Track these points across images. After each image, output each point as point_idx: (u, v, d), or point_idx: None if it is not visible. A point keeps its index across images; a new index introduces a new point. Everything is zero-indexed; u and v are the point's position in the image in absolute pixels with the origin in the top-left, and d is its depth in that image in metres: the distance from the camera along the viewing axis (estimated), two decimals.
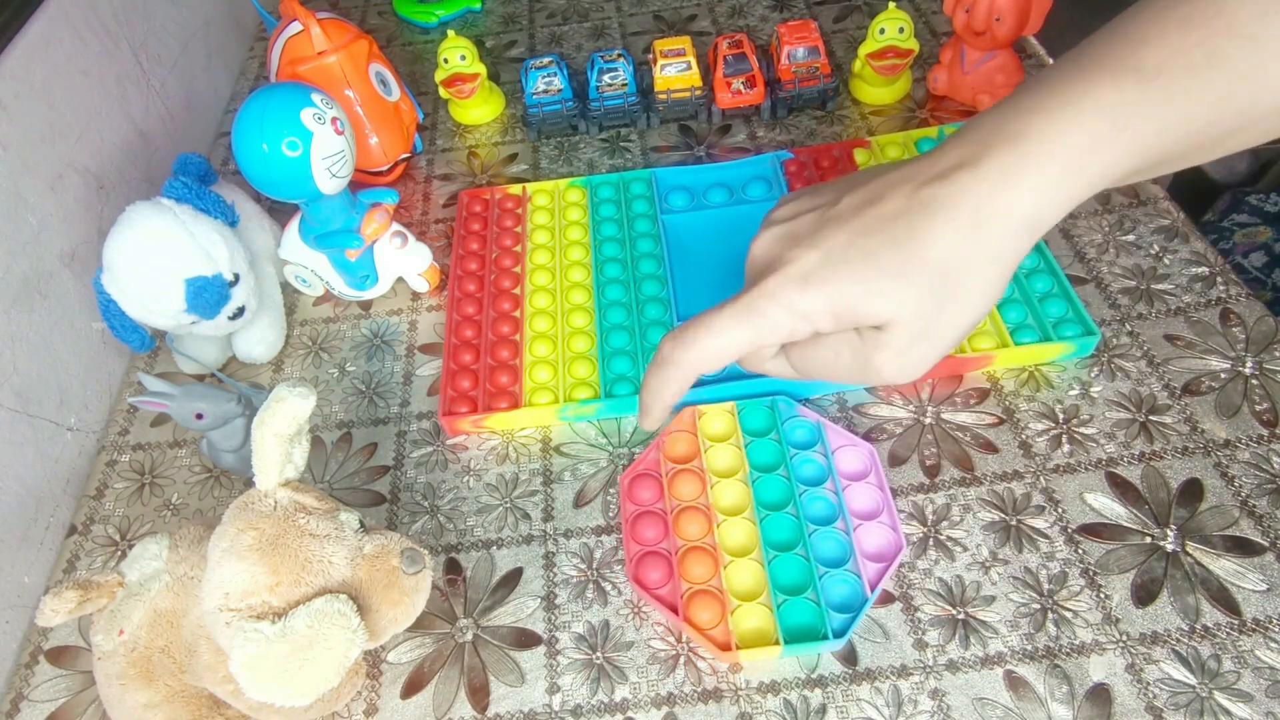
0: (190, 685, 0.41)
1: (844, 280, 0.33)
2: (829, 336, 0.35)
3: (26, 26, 0.59)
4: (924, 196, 0.33)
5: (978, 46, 0.66)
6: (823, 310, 0.34)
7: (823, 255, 0.34)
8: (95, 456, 0.58)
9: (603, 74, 0.73)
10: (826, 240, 0.34)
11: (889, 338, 0.34)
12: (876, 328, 0.34)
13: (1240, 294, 0.56)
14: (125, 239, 0.51)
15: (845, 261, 0.33)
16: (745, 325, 0.35)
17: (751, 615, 0.44)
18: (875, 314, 0.33)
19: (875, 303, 0.33)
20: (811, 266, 0.34)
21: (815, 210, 0.36)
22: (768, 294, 0.34)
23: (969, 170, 0.32)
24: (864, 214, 0.34)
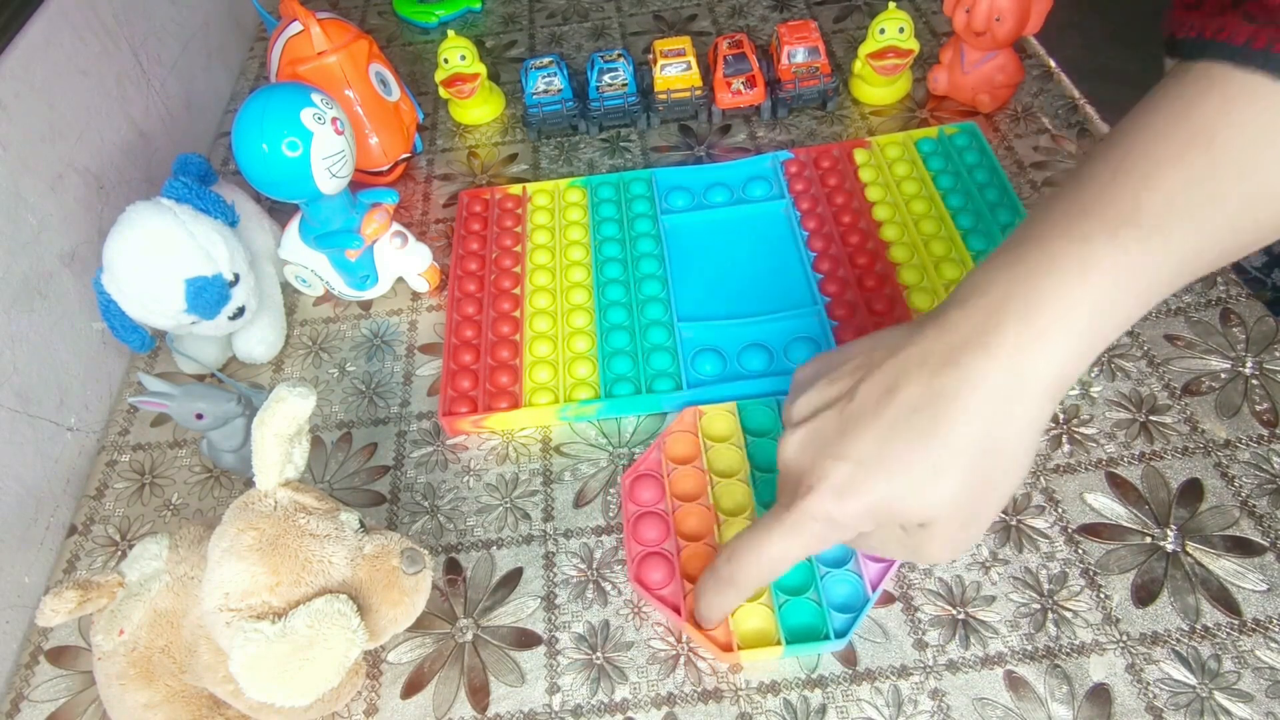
0: (190, 685, 0.41)
1: (880, 486, 0.33)
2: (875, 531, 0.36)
3: (26, 26, 0.59)
4: (940, 386, 0.33)
5: (978, 47, 0.66)
6: (863, 517, 0.34)
7: (854, 466, 0.34)
8: (95, 456, 0.58)
9: (603, 74, 0.73)
10: (854, 448, 0.34)
11: (934, 532, 0.34)
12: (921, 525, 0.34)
13: (1240, 294, 0.56)
14: (125, 239, 0.51)
15: (878, 468, 0.33)
16: (793, 541, 0.36)
17: (753, 615, 0.44)
18: (916, 515, 0.33)
19: (914, 504, 0.33)
20: (845, 479, 0.34)
21: (834, 407, 0.36)
22: (809, 514, 0.35)
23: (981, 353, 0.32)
24: (885, 410, 0.34)
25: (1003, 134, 0.69)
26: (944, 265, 0.58)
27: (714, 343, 0.57)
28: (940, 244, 0.60)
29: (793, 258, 0.62)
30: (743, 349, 0.56)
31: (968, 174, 0.64)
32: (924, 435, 0.32)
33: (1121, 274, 0.31)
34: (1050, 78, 0.73)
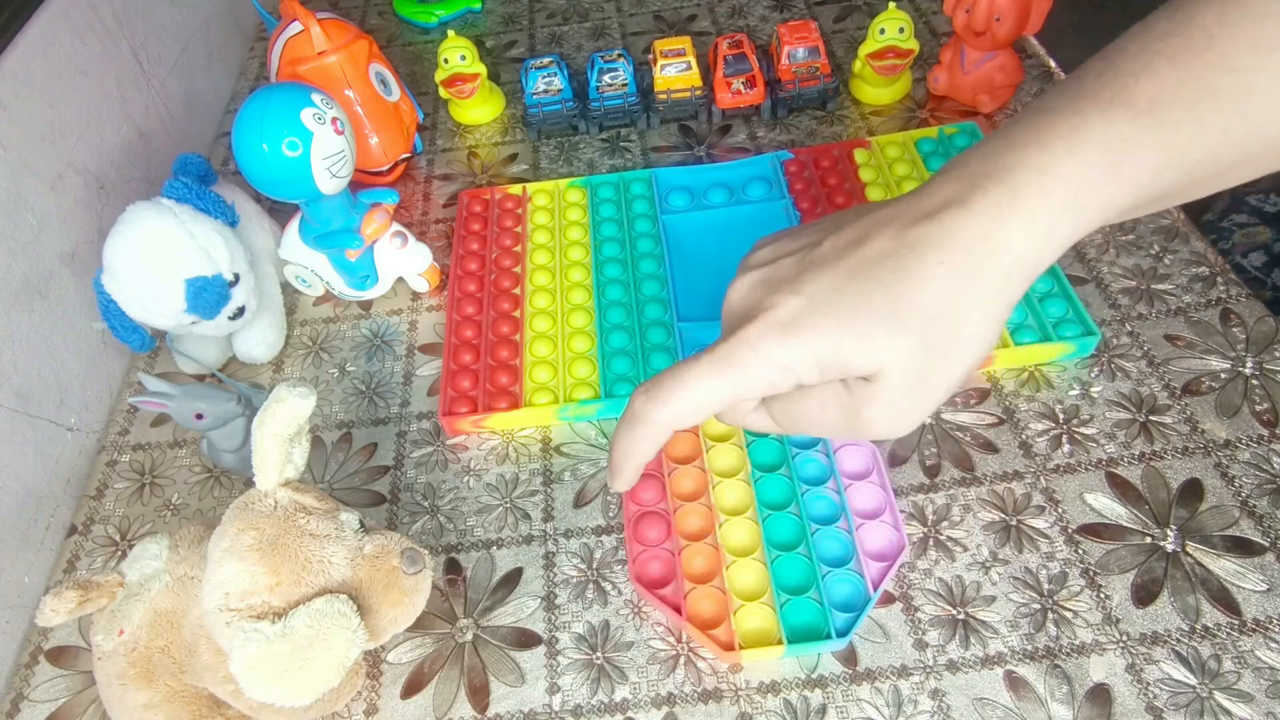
0: (190, 685, 0.41)
1: (830, 328, 0.31)
2: (814, 389, 0.33)
3: (27, 26, 0.59)
4: (912, 237, 0.31)
5: (978, 47, 0.66)
6: (807, 361, 0.31)
7: (806, 301, 0.31)
8: (95, 456, 0.58)
9: (603, 74, 0.73)
10: (809, 285, 0.32)
11: (879, 389, 0.31)
12: (865, 379, 0.31)
13: (1240, 294, 0.56)
14: (125, 239, 0.51)
15: (831, 307, 0.31)
16: (723, 378, 0.32)
17: (754, 615, 0.44)
18: (864, 364, 0.31)
19: (864, 352, 0.30)
20: (794, 313, 0.31)
21: (796, 253, 0.33)
22: (747, 343, 0.32)
23: (958, 209, 0.30)
24: (849, 256, 0.32)
25: None
26: None
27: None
28: None
29: None
30: None
31: None
32: (884, 284, 0.30)
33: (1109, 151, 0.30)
34: (1050, 78, 0.73)
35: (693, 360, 0.33)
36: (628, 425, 0.35)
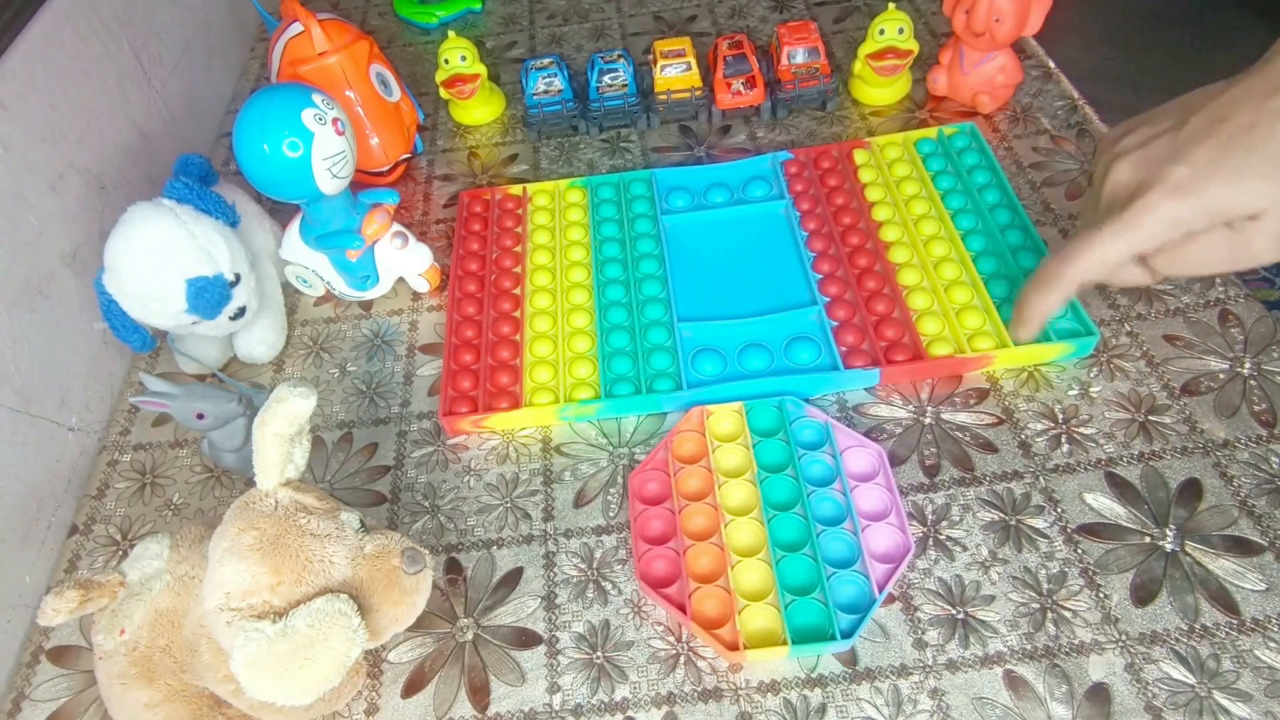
0: (191, 685, 0.41)
1: (1219, 186, 0.38)
2: (1199, 236, 0.40)
3: (28, 27, 0.59)
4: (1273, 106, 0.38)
5: (977, 47, 0.67)
6: (1200, 213, 0.39)
7: (1192, 169, 0.39)
8: (96, 456, 0.58)
9: (603, 74, 0.73)
10: (1191, 156, 0.39)
11: (1265, 224, 0.39)
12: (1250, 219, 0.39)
13: (1239, 294, 0.56)
14: (126, 239, 0.51)
15: (1217, 170, 0.38)
16: (1126, 238, 0.41)
17: (759, 615, 0.44)
18: (1251, 207, 0.38)
19: (1250, 199, 0.38)
20: (1184, 178, 0.39)
21: (1164, 135, 0.41)
22: (1148, 208, 0.40)
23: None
24: (1218, 131, 0.39)
25: (1002, 134, 0.69)
26: (943, 266, 0.58)
27: (714, 343, 0.57)
28: (940, 244, 0.60)
29: (792, 258, 0.62)
30: (742, 349, 0.56)
31: (967, 174, 0.64)
32: (1259, 146, 0.38)
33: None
34: (1050, 78, 0.73)
35: (1097, 230, 0.42)
36: (1041, 285, 0.45)
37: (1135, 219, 0.40)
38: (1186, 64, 1.13)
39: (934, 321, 0.55)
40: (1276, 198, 0.38)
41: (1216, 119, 0.39)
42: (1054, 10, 0.64)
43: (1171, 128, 0.41)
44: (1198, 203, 0.39)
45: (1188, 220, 0.40)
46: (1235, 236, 0.40)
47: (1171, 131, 0.41)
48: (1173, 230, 0.40)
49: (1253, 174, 0.38)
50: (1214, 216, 0.39)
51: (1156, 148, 0.41)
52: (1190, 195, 0.39)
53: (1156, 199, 0.40)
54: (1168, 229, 0.40)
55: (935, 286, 0.57)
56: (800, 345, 0.56)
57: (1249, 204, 0.38)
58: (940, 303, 0.56)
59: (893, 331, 0.55)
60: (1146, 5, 0.54)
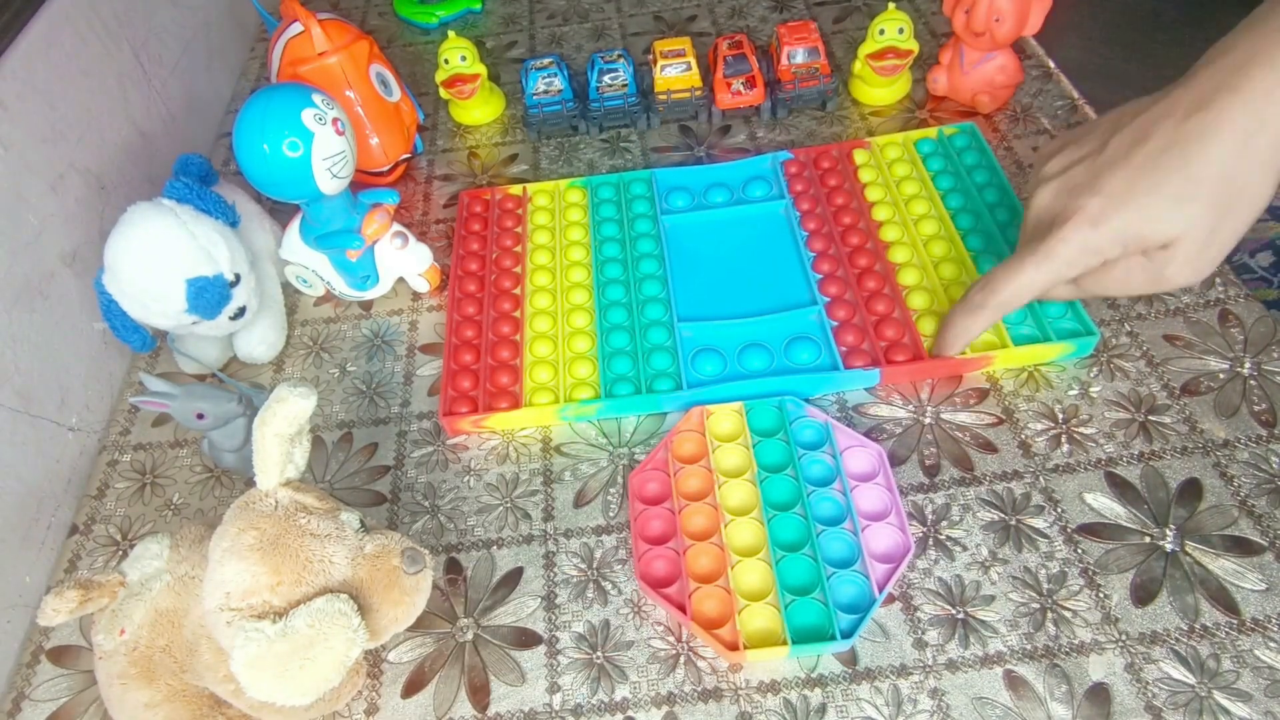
0: (191, 685, 0.41)
1: (1131, 214, 0.38)
2: (1117, 262, 0.41)
3: (28, 27, 0.59)
4: (1189, 128, 0.37)
5: (977, 47, 0.67)
6: (1113, 243, 0.39)
7: (1105, 198, 0.39)
8: (96, 456, 0.58)
9: (603, 74, 0.73)
10: (1106, 184, 0.39)
11: (1176, 252, 0.39)
12: (1163, 247, 0.39)
13: (1239, 294, 0.56)
14: (126, 239, 0.51)
15: (1129, 198, 0.38)
16: (1043, 268, 0.42)
17: (759, 615, 0.44)
18: (1162, 236, 0.38)
19: (1161, 227, 0.38)
20: (1098, 210, 0.39)
21: (1085, 160, 0.41)
22: (1063, 239, 0.40)
23: (1229, 94, 0.36)
24: (1134, 154, 0.39)
25: (1002, 134, 0.69)
26: (943, 265, 0.58)
27: (714, 343, 0.57)
28: (940, 244, 0.60)
29: (792, 258, 0.62)
30: (742, 349, 0.56)
31: (967, 174, 0.64)
32: (1171, 170, 0.37)
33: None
34: (1049, 78, 0.73)
35: (1017, 258, 0.43)
36: (966, 312, 0.47)
37: (1051, 250, 0.41)
38: (1186, 64, 1.12)
39: (934, 321, 0.55)
40: (1186, 225, 0.38)
41: (1135, 140, 0.39)
42: (1054, 10, 0.64)
43: (1093, 152, 0.41)
44: (1109, 232, 0.39)
45: (1103, 249, 0.40)
46: (1150, 264, 0.40)
47: (1092, 157, 0.41)
48: (1089, 259, 0.41)
49: (1163, 201, 0.38)
50: (1127, 245, 0.39)
51: (1076, 174, 0.41)
52: (1102, 225, 0.39)
53: (1070, 231, 0.40)
54: (1083, 258, 0.41)
55: (935, 286, 0.57)
56: (800, 345, 0.56)
57: (1159, 232, 0.38)
58: (940, 303, 0.56)
59: (893, 331, 0.55)
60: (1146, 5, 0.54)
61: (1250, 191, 0.38)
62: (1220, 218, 0.38)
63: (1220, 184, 0.37)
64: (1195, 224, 0.38)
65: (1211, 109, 0.37)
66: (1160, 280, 0.40)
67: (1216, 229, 0.38)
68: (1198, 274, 0.40)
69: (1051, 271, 0.42)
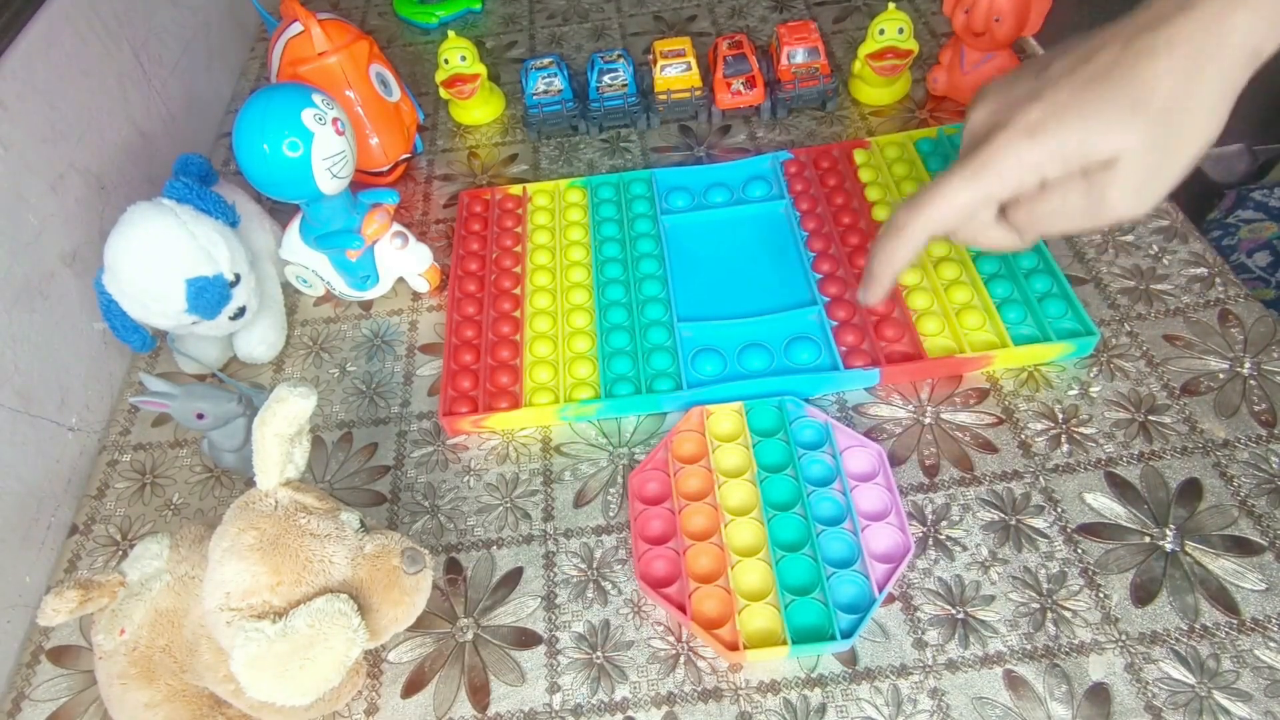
0: (191, 684, 0.41)
1: (1072, 125, 0.35)
2: (1055, 186, 0.37)
3: (28, 27, 0.59)
4: (1140, 44, 0.35)
5: (977, 47, 0.67)
6: (1053, 156, 0.36)
7: (1047, 108, 0.36)
8: (96, 456, 0.58)
9: (603, 74, 0.73)
10: (1049, 95, 0.36)
11: (1120, 171, 0.35)
12: (1105, 166, 0.35)
13: (1239, 294, 0.56)
14: (126, 239, 0.51)
15: (1071, 109, 0.35)
16: (976, 183, 0.37)
17: (759, 615, 0.44)
18: (1105, 149, 0.35)
19: (1105, 138, 0.35)
20: (1038, 118, 0.36)
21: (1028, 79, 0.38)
22: (997, 149, 0.37)
23: (1181, 15, 0.34)
24: (1080, 70, 0.36)
25: None
26: (943, 265, 0.58)
27: (714, 343, 0.57)
28: (940, 244, 0.60)
29: (793, 258, 0.62)
30: (742, 349, 0.56)
31: None
32: (1119, 83, 0.35)
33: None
34: None
35: (948, 173, 0.38)
36: (890, 235, 0.41)
37: (984, 162, 0.37)
38: None
39: (934, 321, 0.55)
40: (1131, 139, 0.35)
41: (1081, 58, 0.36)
42: (1054, 10, 0.64)
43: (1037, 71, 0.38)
44: (1049, 143, 0.36)
45: (1040, 163, 0.36)
46: (1090, 187, 0.36)
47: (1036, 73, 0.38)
48: (1025, 175, 0.37)
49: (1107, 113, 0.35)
50: (1067, 160, 0.36)
51: (1017, 89, 0.38)
52: (1041, 135, 0.36)
53: (1006, 140, 0.37)
54: (1019, 173, 0.37)
55: (935, 286, 0.57)
56: (800, 345, 0.56)
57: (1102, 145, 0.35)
58: (940, 303, 0.56)
59: (893, 331, 0.55)
60: None
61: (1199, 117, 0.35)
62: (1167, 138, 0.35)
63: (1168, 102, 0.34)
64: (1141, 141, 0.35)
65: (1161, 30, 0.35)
66: (1101, 206, 0.36)
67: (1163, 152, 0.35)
68: (1141, 202, 0.36)
69: (983, 185, 0.38)
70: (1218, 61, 0.34)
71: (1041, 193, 0.38)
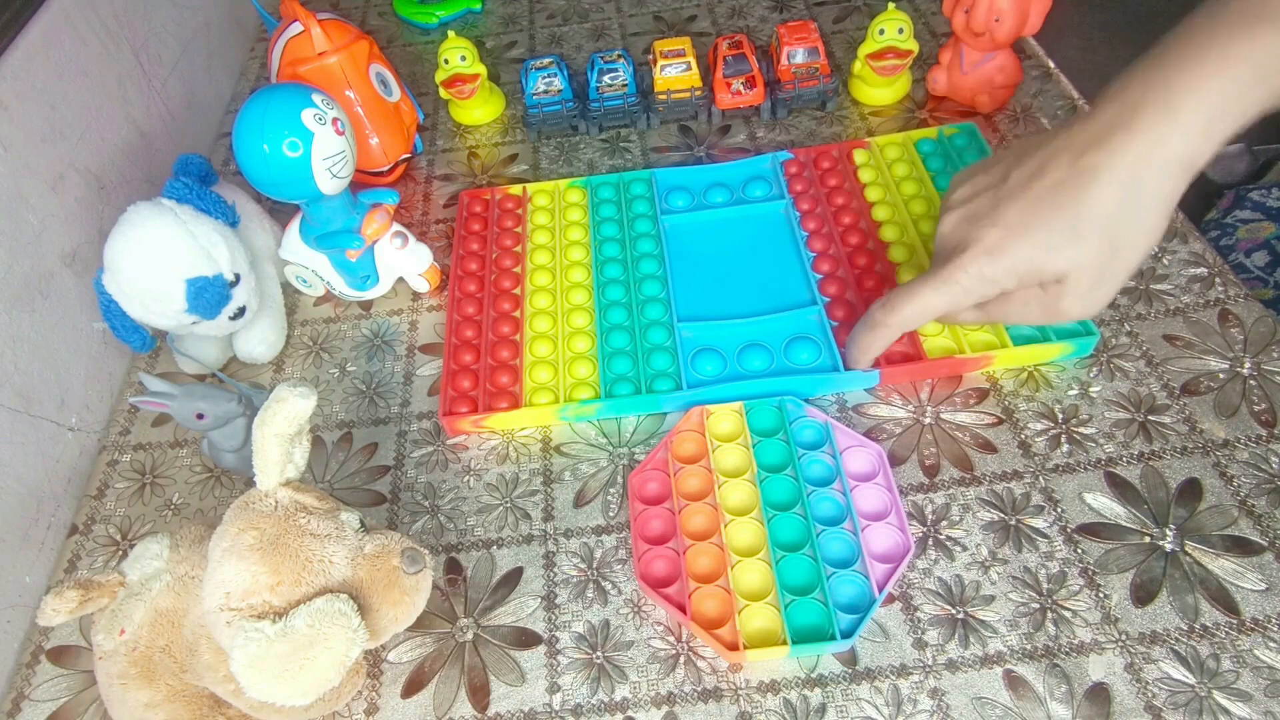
0: (191, 685, 0.41)
1: (1024, 248, 0.40)
2: (1015, 293, 0.42)
3: (27, 27, 0.59)
4: (1084, 164, 0.38)
5: (977, 47, 0.67)
6: (1008, 274, 0.40)
7: (1002, 230, 0.40)
8: (96, 456, 0.58)
9: (603, 74, 0.73)
10: (1004, 217, 0.40)
11: (1070, 286, 0.40)
12: (1057, 281, 0.40)
13: (1239, 294, 0.56)
14: (126, 239, 0.51)
15: (1023, 230, 0.39)
16: (943, 294, 0.42)
17: (759, 615, 0.44)
18: (1055, 270, 0.39)
19: (1054, 261, 0.39)
20: (994, 241, 0.40)
21: (988, 191, 0.42)
22: (961, 268, 0.41)
23: (1123, 132, 0.37)
24: (1031, 187, 0.40)
25: (1002, 134, 0.69)
26: None
27: (714, 343, 0.57)
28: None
29: (793, 258, 0.62)
30: (742, 349, 0.56)
31: None
32: (1065, 205, 0.38)
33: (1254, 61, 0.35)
34: (1049, 78, 0.73)
35: (920, 280, 0.44)
36: (868, 328, 0.47)
37: (949, 277, 0.42)
38: None
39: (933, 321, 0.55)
40: (1078, 261, 0.39)
41: (1034, 174, 0.40)
42: (1054, 10, 0.64)
43: (995, 182, 0.42)
44: (1005, 264, 0.40)
45: (999, 280, 0.41)
46: (1045, 295, 0.41)
47: (994, 187, 0.42)
48: (986, 288, 0.42)
49: (1055, 236, 0.39)
50: (1022, 277, 0.40)
51: (979, 204, 0.42)
52: (998, 256, 0.40)
53: (968, 260, 0.41)
54: (980, 287, 0.42)
55: None
56: (800, 345, 0.56)
57: (1052, 267, 0.39)
58: None
59: None
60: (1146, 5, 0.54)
61: (1140, 230, 0.38)
62: (1111, 254, 0.39)
63: (1110, 222, 0.38)
64: (1086, 260, 0.39)
65: (1104, 148, 0.38)
66: (1055, 312, 0.41)
67: (1107, 266, 0.39)
68: (1090, 308, 0.41)
69: (949, 296, 0.42)
70: (1155, 178, 0.37)
71: (1004, 297, 0.42)
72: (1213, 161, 0.38)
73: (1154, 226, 0.38)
